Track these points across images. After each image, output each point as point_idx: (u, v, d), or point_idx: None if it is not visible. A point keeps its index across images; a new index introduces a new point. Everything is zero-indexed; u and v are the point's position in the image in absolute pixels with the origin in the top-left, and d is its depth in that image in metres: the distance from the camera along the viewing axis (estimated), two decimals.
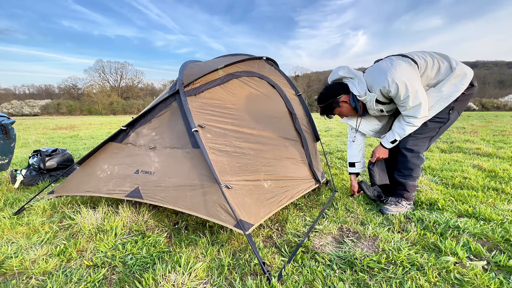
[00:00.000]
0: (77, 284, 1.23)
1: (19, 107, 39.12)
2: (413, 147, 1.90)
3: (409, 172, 1.94)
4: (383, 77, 1.71)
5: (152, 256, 1.43)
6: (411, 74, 1.70)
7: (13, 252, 1.48)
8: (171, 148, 1.77)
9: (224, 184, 1.49)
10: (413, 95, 1.68)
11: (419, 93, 1.69)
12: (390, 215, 1.91)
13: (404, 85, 1.66)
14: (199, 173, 1.61)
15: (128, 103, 45.22)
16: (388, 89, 1.71)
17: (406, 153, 1.92)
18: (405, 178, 1.96)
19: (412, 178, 1.95)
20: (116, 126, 12.17)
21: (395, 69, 1.69)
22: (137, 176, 1.78)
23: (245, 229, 1.35)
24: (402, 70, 1.69)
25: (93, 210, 1.90)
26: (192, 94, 1.82)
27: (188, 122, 1.70)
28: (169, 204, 1.59)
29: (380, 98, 1.82)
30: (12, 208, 2.12)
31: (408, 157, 1.92)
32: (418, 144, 1.90)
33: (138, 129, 1.95)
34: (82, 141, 6.61)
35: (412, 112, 1.75)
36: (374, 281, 1.23)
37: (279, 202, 1.74)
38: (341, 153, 4.42)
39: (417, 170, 1.94)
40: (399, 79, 1.66)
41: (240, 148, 1.80)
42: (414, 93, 1.68)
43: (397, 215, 1.88)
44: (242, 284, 1.22)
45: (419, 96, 1.69)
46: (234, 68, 2.13)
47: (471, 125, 9.54)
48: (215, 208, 1.47)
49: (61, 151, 3.02)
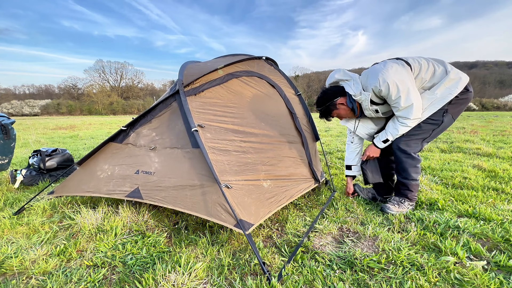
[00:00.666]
0: (77, 284, 1.23)
1: (19, 107, 39.12)
2: (406, 147, 1.92)
3: (405, 172, 1.95)
4: (375, 77, 1.78)
5: (152, 256, 1.43)
6: (402, 75, 1.75)
7: (13, 252, 1.48)
8: (171, 148, 1.77)
9: (224, 184, 1.49)
10: (404, 96, 1.73)
11: (411, 94, 1.73)
12: (390, 214, 1.91)
13: (395, 85, 1.72)
14: (199, 173, 1.61)
15: (128, 103, 45.22)
16: (379, 88, 1.77)
17: (399, 154, 1.95)
18: (405, 178, 1.97)
19: (411, 177, 1.95)
20: (116, 126, 12.16)
21: (387, 70, 1.76)
22: (137, 176, 1.78)
23: (245, 228, 1.35)
24: (394, 71, 1.75)
25: (93, 210, 1.90)
26: (192, 94, 1.82)
27: (188, 122, 1.70)
28: (169, 204, 1.59)
29: (374, 98, 1.87)
30: (12, 208, 2.12)
31: (402, 158, 1.94)
32: (411, 145, 1.92)
33: (138, 130, 1.95)
34: (82, 141, 6.62)
35: (405, 113, 1.79)
36: (374, 281, 1.23)
37: (278, 202, 1.74)
38: (341, 153, 4.42)
39: (414, 170, 1.95)
40: (390, 79, 1.72)
41: (241, 147, 1.80)
42: (405, 94, 1.73)
43: (397, 215, 1.89)
44: (242, 284, 1.22)
45: (410, 96, 1.73)
46: (234, 68, 2.13)
47: (471, 125, 9.55)
48: (215, 208, 1.47)
49: (61, 151, 3.02)
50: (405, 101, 1.74)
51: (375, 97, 1.87)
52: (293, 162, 2.10)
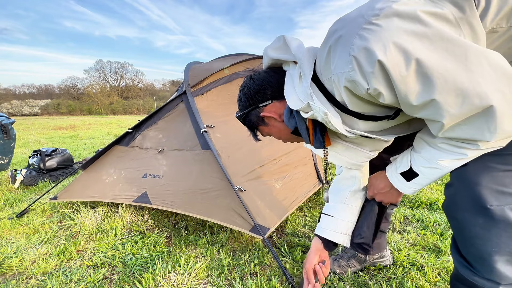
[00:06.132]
0: (77, 284, 1.23)
1: (19, 107, 39.16)
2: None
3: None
4: (353, 50, 0.63)
5: (152, 256, 1.43)
6: (448, 39, 0.62)
7: (13, 252, 1.48)
8: (179, 150, 1.73)
9: (237, 187, 1.44)
10: (466, 93, 0.59)
11: (482, 85, 0.58)
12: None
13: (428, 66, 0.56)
14: (210, 176, 1.56)
15: (128, 103, 45.26)
16: (365, 83, 0.67)
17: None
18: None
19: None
20: (116, 126, 12.17)
21: (391, 30, 0.63)
22: (145, 180, 1.72)
23: (262, 233, 1.30)
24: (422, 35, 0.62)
25: (93, 210, 1.90)
26: (199, 94, 1.79)
27: (197, 123, 1.66)
28: (179, 209, 1.55)
29: (352, 105, 0.74)
30: (12, 208, 2.12)
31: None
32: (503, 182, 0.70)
33: (144, 132, 1.90)
34: (82, 141, 6.62)
35: (468, 130, 0.61)
36: (374, 281, 1.23)
37: (291, 203, 1.68)
38: None
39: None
40: (412, 51, 0.60)
41: (252, 146, 1.71)
42: (468, 88, 0.59)
43: (397, 215, 1.88)
44: (242, 284, 1.22)
45: (483, 89, 0.59)
46: (239, 68, 2.12)
47: None
48: (228, 213, 1.43)
49: (61, 151, 3.02)
50: (468, 103, 0.54)
51: (357, 100, 0.66)
52: (300, 161, 2.04)
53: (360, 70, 0.57)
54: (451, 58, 0.53)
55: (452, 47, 0.52)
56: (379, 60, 0.54)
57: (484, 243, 0.67)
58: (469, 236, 0.69)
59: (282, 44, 0.80)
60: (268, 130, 0.95)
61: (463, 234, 0.72)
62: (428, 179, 0.77)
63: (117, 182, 1.82)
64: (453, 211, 0.73)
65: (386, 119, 0.71)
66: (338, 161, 1.00)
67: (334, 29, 0.64)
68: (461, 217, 0.70)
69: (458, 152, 0.66)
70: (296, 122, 0.82)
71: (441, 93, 0.54)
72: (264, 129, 0.96)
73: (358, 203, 1.05)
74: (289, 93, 0.77)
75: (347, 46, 0.58)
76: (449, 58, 0.53)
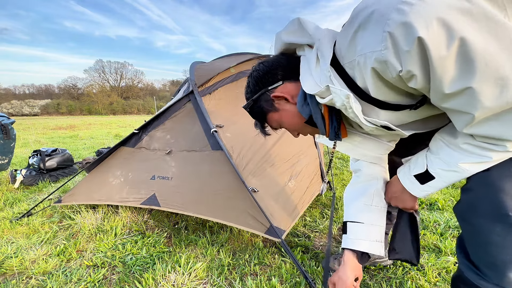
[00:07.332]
0: (77, 284, 1.23)
1: (19, 107, 39.17)
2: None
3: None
4: (388, 25, 0.58)
5: (152, 256, 1.43)
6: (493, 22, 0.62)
7: (13, 252, 1.48)
8: (188, 151, 1.69)
9: (250, 188, 1.39)
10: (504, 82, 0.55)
11: None
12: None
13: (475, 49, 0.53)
14: (221, 177, 1.52)
15: (128, 103, 45.27)
16: (397, 64, 0.59)
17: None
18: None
19: None
20: (116, 126, 12.17)
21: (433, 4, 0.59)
22: (153, 182, 1.68)
23: (278, 235, 1.27)
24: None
25: (93, 210, 1.90)
26: (207, 93, 1.76)
27: (206, 122, 1.62)
28: (189, 212, 1.51)
29: (378, 89, 0.65)
30: (12, 208, 2.12)
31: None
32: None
33: (151, 132, 1.86)
34: (82, 141, 6.62)
35: (497, 127, 0.57)
36: (374, 281, 1.23)
37: (301, 204, 1.65)
38: (341, 153, 4.41)
39: None
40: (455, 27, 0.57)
41: (262, 144, 1.68)
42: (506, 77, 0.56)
43: None
44: (242, 284, 1.22)
45: None
46: (244, 67, 2.11)
47: None
48: (241, 214, 1.39)
49: (61, 151, 3.02)
50: (506, 94, 0.49)
51: (382, 85, 0.60)
52: (308, 159, 2.01)
53: (394, 49, 0.51)
54: (495, 41, 0.47)
55: (495, 29, 0.47)
56: (419, 37, 0.47)
57: (499, 251, 0.64)
58: (483, 242, 0.67)
59: (297, 27, 0.74)
60: (278, 117, 0.86)
61: (476, 240, 0.69)
62: (445, 182, 0.72)
63: (124, 184, 1.77)
64: (470, 217, 0.69)
65: (409, 108, 0.66)
66: (356, 154, 0.94)
67: (363, 6, 0.57)
68: (477, 222, 0.67)
69: (482, 155, 0.61)
70: (311, 110, 0.77)
71: (480, 81, 0.48)
72: (274, 116, 0.87)
73: (384, 203, 0.96)
74: (305, 77, 0.72)
75: (381, 22, 0.51)
76: (492, 41, 0.47)
